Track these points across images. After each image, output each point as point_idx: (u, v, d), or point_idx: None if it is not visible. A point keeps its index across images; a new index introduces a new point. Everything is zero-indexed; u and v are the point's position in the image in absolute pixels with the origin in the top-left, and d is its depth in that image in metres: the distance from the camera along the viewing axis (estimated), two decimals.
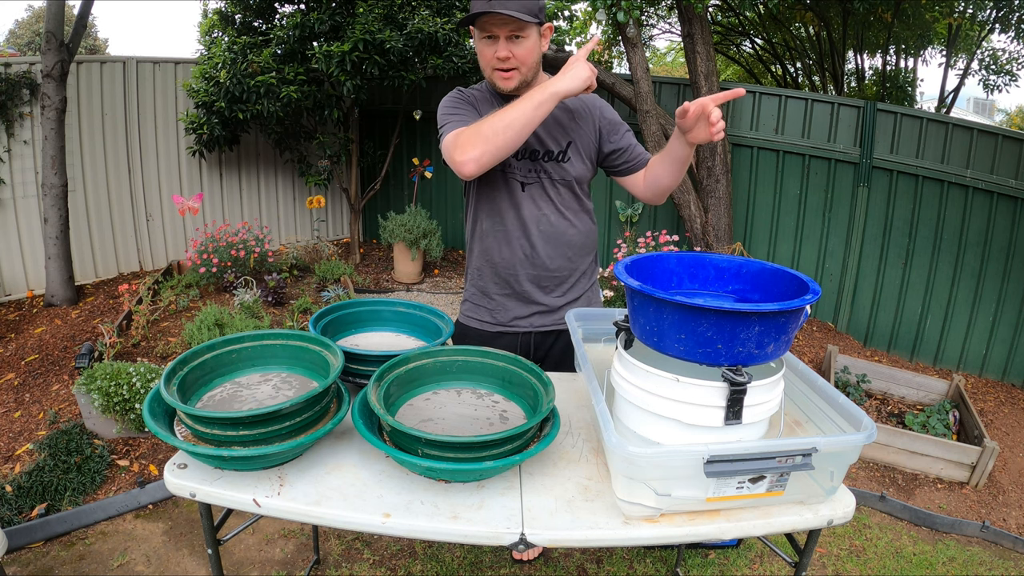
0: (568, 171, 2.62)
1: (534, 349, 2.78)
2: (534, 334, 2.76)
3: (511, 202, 2.62)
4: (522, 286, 2.69)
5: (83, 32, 6.39)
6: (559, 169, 2.61)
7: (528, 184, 2.60)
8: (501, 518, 1.66)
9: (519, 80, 2.45)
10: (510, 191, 2.61)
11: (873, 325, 7.05)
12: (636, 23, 6.60)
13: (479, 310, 2.80)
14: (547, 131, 2.57)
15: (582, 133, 2.62)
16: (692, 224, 6.85)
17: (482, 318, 2.78)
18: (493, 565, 3.57)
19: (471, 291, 2.85)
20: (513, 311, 2.73)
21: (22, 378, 5.04)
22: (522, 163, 2.59)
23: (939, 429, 5.01)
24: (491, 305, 2.76)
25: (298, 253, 8.21)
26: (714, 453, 1.54)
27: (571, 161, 2.62)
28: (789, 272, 1.86)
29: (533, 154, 2.59)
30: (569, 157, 2.61)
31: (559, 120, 2.59)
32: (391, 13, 7.23)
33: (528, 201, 2.61)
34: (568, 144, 2.61)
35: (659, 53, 17.21)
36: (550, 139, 2.59)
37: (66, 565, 3.44)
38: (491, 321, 2.76)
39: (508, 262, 2.68)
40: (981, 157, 6.23)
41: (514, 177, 2.60)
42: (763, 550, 3.78)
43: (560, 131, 2.60)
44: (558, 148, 2.60)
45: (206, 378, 1.99)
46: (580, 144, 2.62)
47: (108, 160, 7.31)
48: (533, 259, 2.65)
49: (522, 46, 2.40)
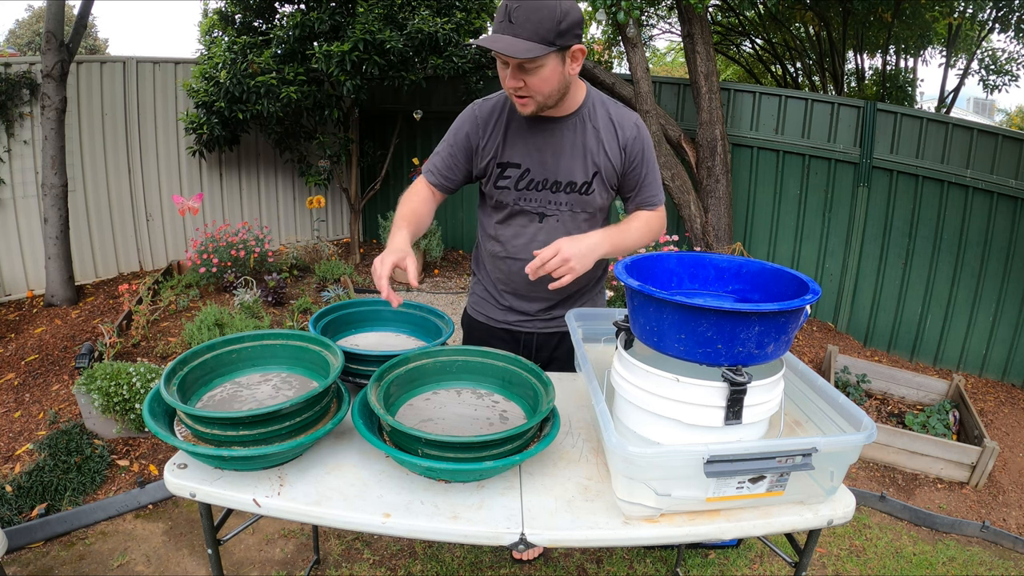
0: (591, 203, 2.47)
1: (536, 350, 2.73)
2: (537, 335, 2.72)
3: (524, 232, 2.51)
4: (532, 302, 2.65)
5: (83, 32, 6.39)
6: (582, 201, 2.46)
7: (547, 216, 2.47)
8: (501, 518, 1.66)
9: (535, 107, 2.25)
10: (525, 223, 2.50)
11: (873, 325, 7.05)
12: (636, 23, 6.61)
13: (486, 305, 2.76)
14: (573, 158, 2.40)
15: (607, 161, 2.42)
16: (692, 224, 6.85)
17: (489, 314, 2.74)
18: (493, 565, 3.56)
19: (480, 288, 2.79)
20: (519, 316, 2.70)
21: (22, 378, 5.04)
22: (541, 194, 2.44)
23: (939, 429, 5.01)
24: (499, 305, 2.72)
25: (298, 253, 8.21)
26: (714, 453, 1.54)
27: (594, 193, 2.45)
28: (789, 272, 1.86)
29: (555, 185, 2.42)
30: (593, 189, 2.44)
31: (587, 146, 2.40)
32: (391, 13, 7.23)
33: (544, 233, 2.47)
34: (594, 175, 2.42)
35: (659, 53, 17.19)
36: (577, 168, 2.41)
37: (66, 565, 3.44)
38: (497, 319, 2.73)
39: (520, 284, 2.58)
40: (981, 157, 6.23)
41: (530, 209, 2.47)
42: (763, 550, 3.78)
43: (588, 159, 2.41)
44: (583, 179, 2.42)
45: (206, 378, 1.99)
46: (604, 173, 2.43)
47: (108, 160, 7.30)
48: (538, 287, 2.55)
49: (536, 75, 2.14)
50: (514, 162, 2.41)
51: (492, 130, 2.42)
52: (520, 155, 2.41)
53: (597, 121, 2.41)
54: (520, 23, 2.03)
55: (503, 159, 2.42)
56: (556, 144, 2.39)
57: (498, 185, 2.46)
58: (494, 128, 2.42)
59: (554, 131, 2.39)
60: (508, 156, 2.41)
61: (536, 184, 2.42)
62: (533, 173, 2.41)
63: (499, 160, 2.43)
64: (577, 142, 2.39)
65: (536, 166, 2.41)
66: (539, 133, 2.39)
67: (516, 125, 2.41)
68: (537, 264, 2.09)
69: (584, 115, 2.41)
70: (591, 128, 2.40)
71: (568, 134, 2.39)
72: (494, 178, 2.46)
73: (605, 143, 2.41)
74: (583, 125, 2.40)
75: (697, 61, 6.64)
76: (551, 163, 2.40)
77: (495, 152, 2.42)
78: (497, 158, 2.43)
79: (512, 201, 2.47)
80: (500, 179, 2.45)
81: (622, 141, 2.42)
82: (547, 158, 2.40)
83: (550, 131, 2.39)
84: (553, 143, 2.39)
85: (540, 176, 2.41)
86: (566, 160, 2.40)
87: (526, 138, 2.40)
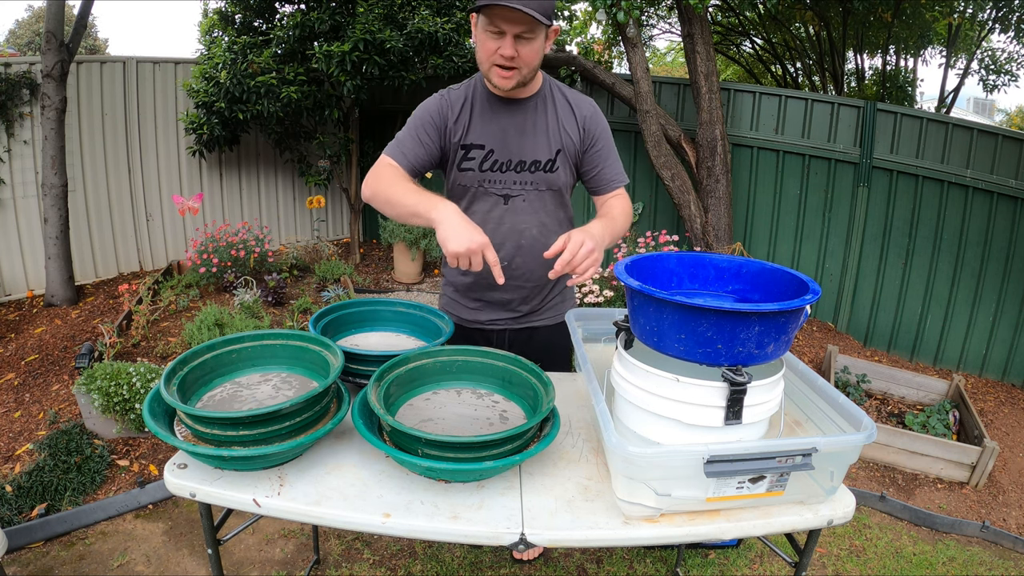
0: (555, 181, 2.52)
1: (509, 346, 2.73)
2: (508, 331, 2.74)
3: (489, 216, 2.52)
4: (498, 295, 2.66)
5: (83, 32, 6.39)
6: (547, 179, 2.51)
7: (512, 197, 2.51)
8: (501, 518, 1.66)
9: (518, 80, 2.31)
10: (490, 207, 2.53)
11: (873, 325, 7.05)
12: (636, 23, 6.60)
13: (456, 306, 2.77)
14: (536, 137, 2.46)
15: (568, 138, 2.50)
16: (692, 224, 6.85)
17: (460, 314, 2.75)
18: (493, 565, 3.57)
19: (449, 289, 2.80)
20: (490, 314, 2.71)
21: (22, 378, 5.04)
22: (506, 175, 2.48)
23: (939, 429, 5.01)
24: (469, 305, 2.73)
25: (298, 253, 8.21)
26: (714, 453, 1.54)
27: (559, 171, 2.51)
28: (789, 272, 1.86)
29: (519, 165, 2.48)
30: (558, 167, 2.51)
31: (548, 124, 2.48)
32: (391, 13, 7.23)
33: (510, 215, 2.52)
34: (557, 152, 2.49)
35: (659, 53, 17.18)
36: (541, 146, 2.47)
37: (66, 565, 3.44)
38: (469, 319, 2.74)
39: (485, 276, 2.50)
40: (981, 157, 6.22)
41: (494, 192, 2.50)
42: (763, 550, 3.78)
43: (550, 137, 2.48)
44: (547, 156, 2.49)
45: (206, 378, 1.99)
46: (567, 150, 2.51)
47: (108, 160, 7.31)
48: (511, 272, 2.56)
49: (530, 47, 2.23)
50: (478, 143, 2.46)
51: (460, 111, 2.46)
52: (485, 136, 2.46)
53: (556, 102, 2.51)
54: None
55: (467, 141, 2.47)
56: (519, 124, 2.46)
57: (461, 167, 2.50)
58: (461, 110, 2.46)
59: (516, 112, 2.46)
60: (472, 138, 2.46)
61: (501, 165, 2.48)
62: (498, 154, 2.47)
63: (463, 142, 2.47)
64: (539, 121, 2.47)
65: (500, 147, 2.46)
66: (503, 115, 2.45)
67: (480, 108, 2.46)
68: (567, 257, 2.03)
69: (544, 96, 2.50)
70: (551, 108, 2.49)
71: (530, 114, 2.47)
72: (458, 160, 2.50)
73: (564, 122, 2.49)
74: (543, 105, 2.49)
75: (697, 61, 6.63)
76: (515, 143, 2.46)
77: (461, 134, 2.46)
78: (462, 140, 2.47)
79: (476, 183, 2.51)
80: (464, 161, 2.49)
81: (579, 119, 2.51)
82: (511, 138, 2.46)
83: (513, 112, 2.46)
84: (516, 123, 2.46)
85: (504, 157, 2.47)
86: (529, 139, 2.47)
87: (490, 120, 2.46)
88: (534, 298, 2.69)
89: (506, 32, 2.20)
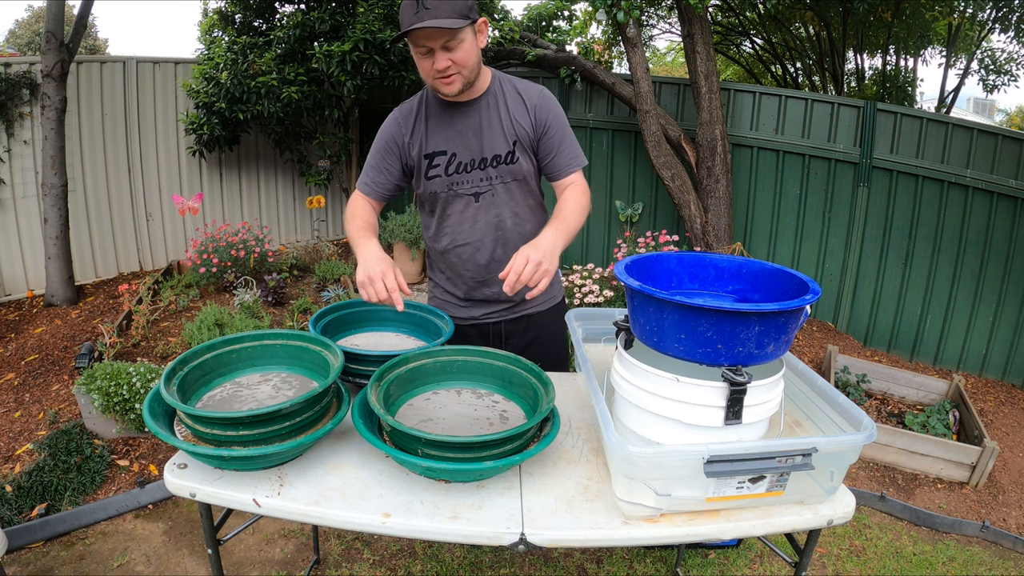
0: (518, 171, 2.60)
1: (505, 337, 2.82)
2: (504, 323, 2.81)
3: (464, 216, 2.62)
4: (488, 291, 2.73)
5: (83, 32, 6.40)
6: (510, 170, 2.59)
7: (482, 193, 2.59)
8: (501, 518, 1.66)
9: (462, 82, 2.39)
10: (463, 207, 2.61)
11: (873, 325, 7.05)
12: (636, 23, 6.60)
13: (448, 306, 2.82)
14: (492, 133, 2.54)
15: (522, 128, 2.57)
16: (692, 224, 6.84)
17: (454, 313, 2.78)
18: (493, 565, 3.57)
19: (439, 291, 2.88)
20: (484, 309, 2.78)
21: (22, 378, 5.04)
22: (472, 175, 2.56)
23: (939, 429, 5.01)
24: (460, 303, 2.81)
25: (298, 253, 8.20)
26: (714, 453, 1.54)
27: (519, 161, 2.58)
28: (789, 272, 1.86)
29: (482, 162, 2.56)
30: (517, 157, 2.58)
31: (502, 118, 2.55)
32: (391, 12, 7.21)
33: (483, 211, 2.61)
34: (515, 143, 2.56)
35: (659, 53, 17.20)
36: (498, 141, 2.55)
37: (66, 565, 3.45)
38: (463, 316, 2.79)
39: (471, 274, 2.70)
40: (981, 157, 6.22)
41: (464, 192, 2.59)
42: (763, 550, 3.78)
43: (505, 130, 2.56)
44: (506, 149, 2.56)
45: (206, 378, 1.99)
46: (523, 140, 2.58)
47: (108, 160, 7.31)
48: (492, 267, 2.66)
49: (460, 50, 2.32)
50: (439, 150, 2.55)
51: (414, 125, 2.57)
52: (444, 142, 2.55)
53: (506, 96, 2.58)
54: (435, 6, 2.20)
55: (428, 150, 2.57)
56: (475, 124, 2.55)
57: (428, 176, 2.59)
58: (415, 123, 2.57)
59: (470, 113, 2.55)
60: (433, 146, 2.56)
61: (465, 166, 2.56)
62: (460, 156, 2.55)
63: (425, 152, 2.57)
64: (492, 118, 2.55)
65: (461, 149, 2.55)
66: (457, 118, 2.54)
67: (434, 117, 2.56)
68: (512, 279, 2.11)
69: (494, 93, 2.57)
70: (502, 103, 2.56)
71: (483, 113, 2.55)
72: (424, 170, 2.59)
73: (515, 113, 2.56)
74: (495, 102, 2.56)
75: (697, 61, 6.63)
76: (474, 142, 2.54)
77: (420, 145, 2.56)
78: (424, 150, 2.57)
79: (445, 188, 2.59)
80: (430, 169, 2.58)
81: (530, 107, 2.57)
82: (469, 139, 2.54)
83: (466, 113, 2.55)
84: (471, 124, 2.55)
85: (467, 157, 2.55)
86: (487, 136, 2.55)
87: (446, 125, 2.54)
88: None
89: (433, 47, 2.30)
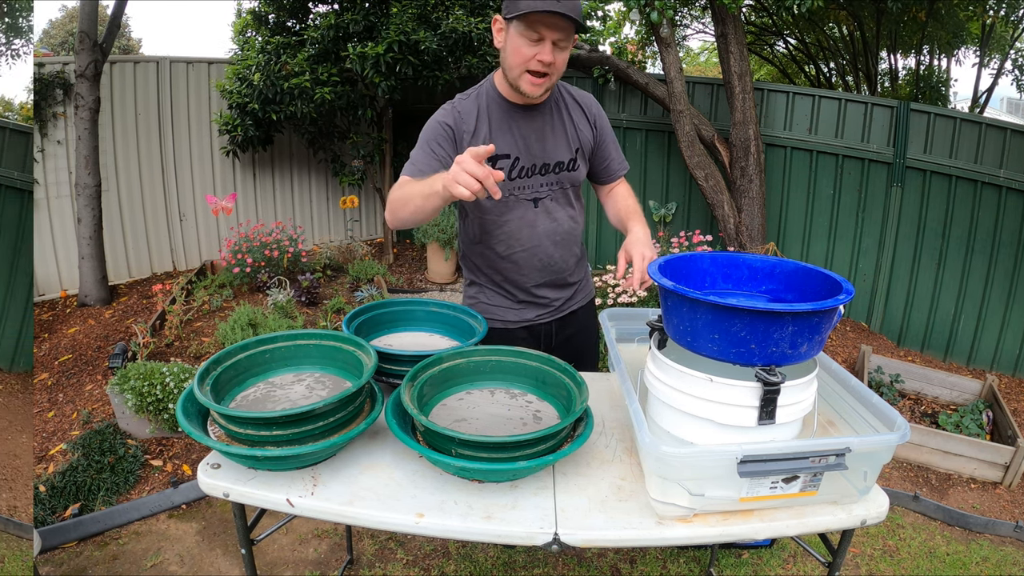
0: (577, 177, 2.63)
1: (554, 336, 2.81)
2: (553, 322, 2.79)
3: (524, 221, 2.57)
4: (538, 294, 2.71)
5: (116, 32, 6.48)
6: (570, 177, 2.60)
7: (541, 199, 2.57)
8: (535, 518, 1.66)
9: (548, 86, 2.36)
10: (523, 212, 2.56)
11: (907, 325, 6.98)
12: (670, 23, 6.58)
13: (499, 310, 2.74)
14: (556, 140, 2.54)
15: (585, 137, 2.60)
16: (726, 224, 6.82)
17: (505, 317, 2.74)
18: (526, 565, 3.57)
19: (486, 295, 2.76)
20: (535, 312, 2.74)
21: (56, 378, 5.11)
22: (532, 180, 2.53)
23: (972, 429, 4.96)
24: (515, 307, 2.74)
25: (331, 253, 8.24)
26: (747, 453, 1.53)
27: (579, 168, 2.61)
28: (822, 272, 1.85)
29: (544, 168, 2.54)
30: (578, 164, 2.60)
31: (565, 126, 2.56)
32: (425, 13, 7.23)
33: (542, 215, 2.58)
34: (577, 150, 2.58)
35: (693, 53, 17.15)
36: (561, 148, 2.55)
37: (99, 565, 3.49)
38: (515, 320, 2.74)
39: (526, 279, 2.66)
40: (1015, 157, 6.14)
41: (525, 197, 2.55)
42: (796, 550, 3.76)
43: (569, 137, 2.56)
44: (569, 156, 2.57)
45: (239, 378, 2.00)
46: (584, 148, 2.61)
47: (141, 160, 7.40)
48: (549, 267, 2.65)
49: (563, 55, 2.30)
50: (503, 153, 2.49)
51: (477, 123, 2.48)
52: (508, 146, 2.49)
53: (567, 102, 2.59)
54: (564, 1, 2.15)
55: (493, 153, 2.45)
56: (539, 129, 2.52)
57: None
58: (478, 122, 2.48)
59: (535, 117, 2.52)
60: (497, 149, 2.46)
61: (527, 171, 2.52)
62: (523, 160, 2.51)
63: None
64: (556, 124, 2.55)
65: (524, 153, 2.51)
66: (521, 122, 2.50)
67: (497, 119, 2.50)
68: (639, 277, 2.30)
69: (556, 99, 2.56)
70: (564, 110, 2.57)
71: (547, 118, 2.54)
72: None
73: (578, 121, 2.59)
74: (557, 108, 2.56)
75: (731, 61, 6.60)
76: (537, 148, 2.52)
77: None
78: None
79: (507, 192, 2.52)
80: None
81: (590, 117, 2.62)
82: (532, 144, 2.51)
83: (531, 118, 2.51)
84: (536, 128, 2.52)
85: (529, 162, 2.52)
86: (550, 142, 2.53)
87: (510, 128, 2.49)
88: (566, 286, 2.78)
89: (545, 38, 2.23)
